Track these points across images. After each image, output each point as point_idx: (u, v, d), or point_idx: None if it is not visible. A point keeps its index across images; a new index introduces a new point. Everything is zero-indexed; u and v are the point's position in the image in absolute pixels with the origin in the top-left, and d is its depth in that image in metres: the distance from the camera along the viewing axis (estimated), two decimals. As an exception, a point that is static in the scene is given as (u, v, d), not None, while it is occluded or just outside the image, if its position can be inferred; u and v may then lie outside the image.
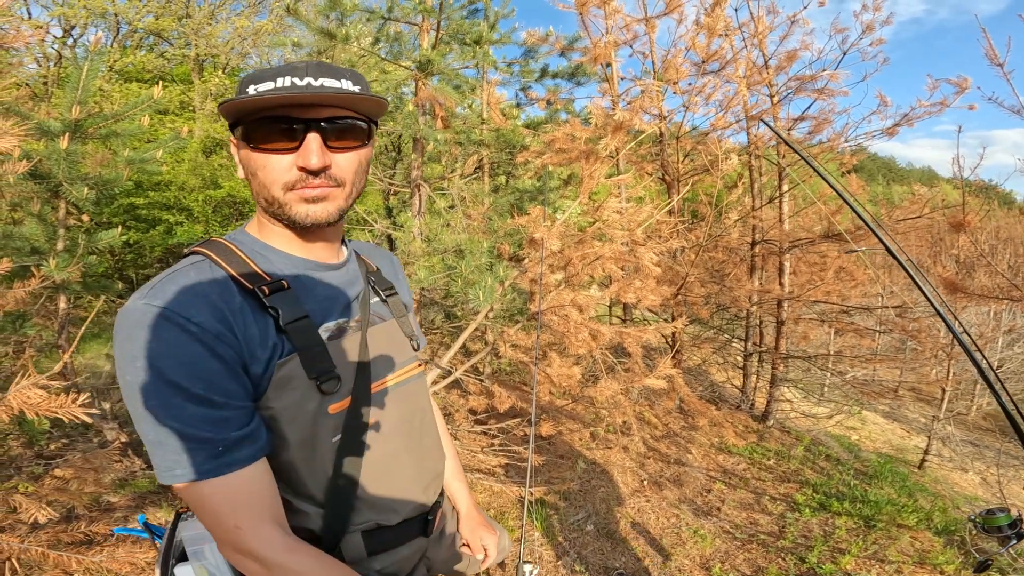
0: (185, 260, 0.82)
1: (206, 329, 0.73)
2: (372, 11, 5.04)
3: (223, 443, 0.74)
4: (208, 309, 0.74)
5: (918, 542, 3.46)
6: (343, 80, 0.80)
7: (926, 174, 66.03)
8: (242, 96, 0.77)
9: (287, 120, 0.78)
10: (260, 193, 0.83)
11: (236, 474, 0.75)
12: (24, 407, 1.27)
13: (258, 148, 0.80)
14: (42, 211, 3.31)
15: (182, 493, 0.75)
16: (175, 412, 0.72)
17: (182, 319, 0.72)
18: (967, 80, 5.00)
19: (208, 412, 0.73)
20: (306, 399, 0.81)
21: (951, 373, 6.35)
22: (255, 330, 0.77)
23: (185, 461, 0.72)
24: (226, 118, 0.83)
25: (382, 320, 0.97)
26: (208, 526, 0.77)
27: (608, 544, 3.31)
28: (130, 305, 0.74)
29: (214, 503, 0.75)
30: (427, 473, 1.01)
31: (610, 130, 3.82)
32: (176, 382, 0.71)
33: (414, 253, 4.21)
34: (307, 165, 0.78)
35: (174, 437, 0.72)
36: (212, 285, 0.77)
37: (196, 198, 9.61)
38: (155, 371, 0.71)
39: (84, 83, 3.10)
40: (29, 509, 2.00)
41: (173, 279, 0.76)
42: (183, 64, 15.43)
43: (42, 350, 3.94)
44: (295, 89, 0.77)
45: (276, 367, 0.78)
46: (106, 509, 2.91)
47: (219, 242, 0.84)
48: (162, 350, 0.71)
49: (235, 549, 0.77)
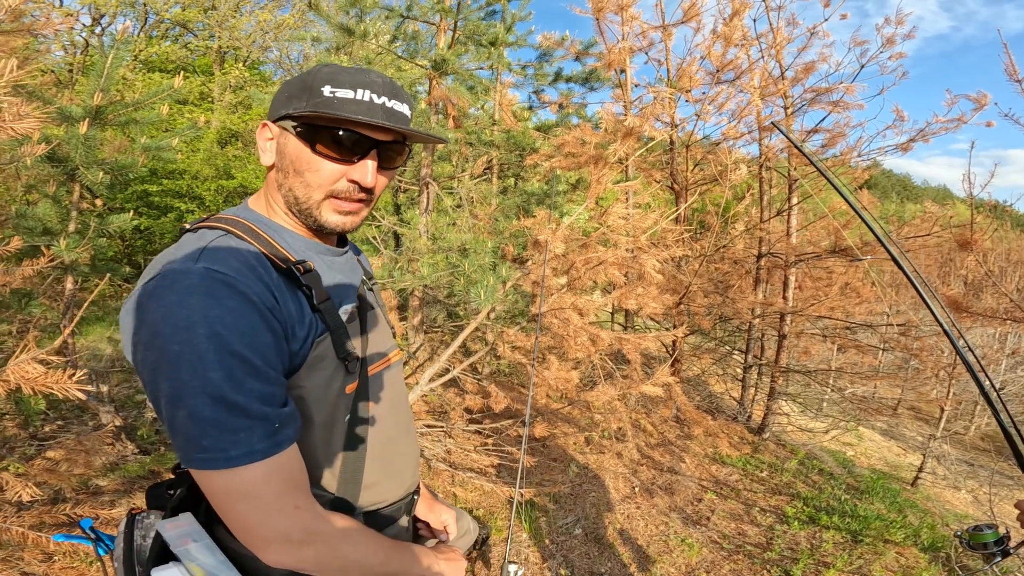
0: (207, 233, 0.78)
1: (263, 300, 0.72)
2: (391, 9, 5.09)
3: (278, 419, 0.71)
4: (259, 281, 0.73)
5: (903, 558, 3.46)
6: (405, 104, 0.85)
7: (941, 193, 65.36)
8: (325, 98, 0.79)
9: (358, 135, 0.81)
10: (296, 190, 0.84)
11: (286, 452, 0.73)
12: (22, 381, 1.30)
13: (319, 152, 0.81)
14: (57, 193, 3.37)
15: (221, 479, 0.69)
16: (240, 386, 0.68)
17: (245, 286, 0.70)
18: (986, 96, 4.96)
19: (264, 387, 0.70)
20: (333, 379, 0.82)
21: (951, 393, 6.31)
22: (292, 307, 0.77)
23: (243, 440, 0.68)
24: (287, 106, 0.82)
25: (372, 308, 1.00)
26: (250, 513, 0.71)
27: (595, 549, 3.32)
28: (180, 267, 0.69)
29: (272, 485, 0.71)
30: (414, 454, 1.05)
31: (620, 136, 3.84)
32: (241, 353, 0.68)
33: (419, 250, 4.25)
34: (363, 182, 0.82)
35: (236, 414, 0.67)
36: (253, 256, 0.76)
37: (208, 187, 9.72)
38: (219, 340, 0.66)
39: (108, 71, 3.16)
40: (15, 487, 2.03)
41: (220, 248, 0.74)
42: (205, 55, 15.60)
43: (46, 330, 3.99)
44: (382, 111, 0.81)
45: (312, 345, 0.79)
46: (94, 492, 2.94)
47: (233, 219, 0.82)
48: (227, 318, 0.67)
49: (289, 533, 0.72)
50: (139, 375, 0.73)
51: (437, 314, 6.20)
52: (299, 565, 0.75)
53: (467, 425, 4.09)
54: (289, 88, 0.84)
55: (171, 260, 0.72)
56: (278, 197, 0.87)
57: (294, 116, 0.81)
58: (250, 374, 0.69)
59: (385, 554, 0.86)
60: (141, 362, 0.70)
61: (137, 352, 0.70)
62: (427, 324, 5.48)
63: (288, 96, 0.83)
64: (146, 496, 0.95)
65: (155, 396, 0.70)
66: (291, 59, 17.46)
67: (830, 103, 5.85)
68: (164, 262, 0.72)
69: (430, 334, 5.72)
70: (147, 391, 0.72)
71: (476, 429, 4.13)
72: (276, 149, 0.86)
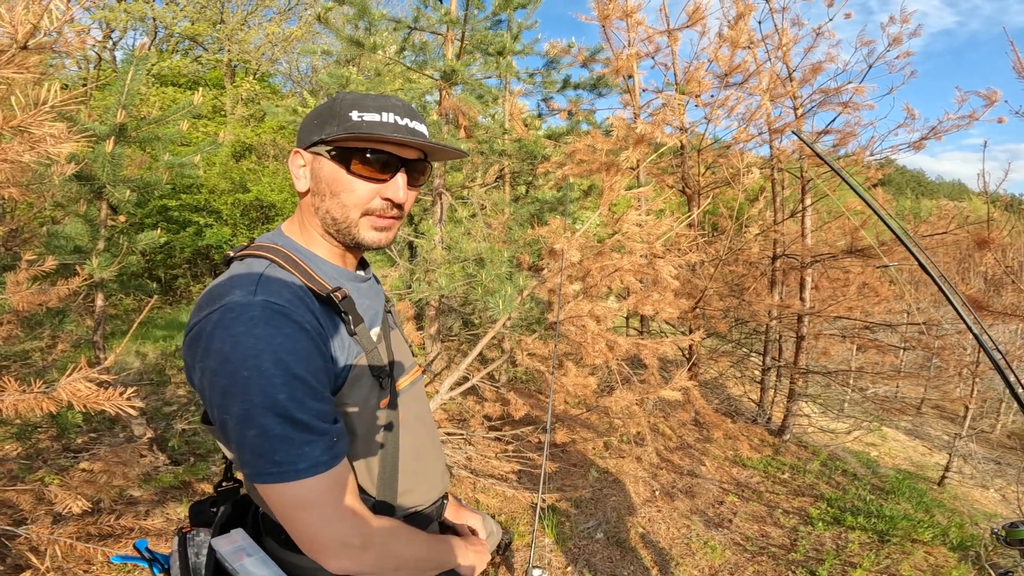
0: (254, 263, 0.85)
1: (314, 327, 0.79)
2: (399, 21, 5.18)
3: (335, 434, 0.79)
4: (308, 311, 0.80)
5: (932, 557, 3.43)
6: (422, 125, 0.92)
7: (956, 188, 64.39)
8: (354, 122, 0.85)
9: (388, 155, 0.88)
10: (333, 211, 0.90)
11: (343, 464, 0.80)
12: (73, 399, 1.37)
13: (353, 173, 0.88)
14: (88, 212, 3.47)
15: (291, 490, 0.74)
16: (304, 405, 0.74)
17: (299, 316, 0.77)
18: (996, 93, 4.95)
19: (321, 406, 0.77)
20: (370, 395, 0.89)
21: (975, 391, 6.23)
22: (333, 331, 0.84)
23: (309, 454, 0.74)
24: (319, 132, 0.88)
25: (393, 328, 1.07)
26: (315, 522, 0.76)
27: (617, 552, 3.34)
28: (243, 300, 0.75)
29: (333, 494, 0.77)
30: (442, 462, 1.11)
31: (631, 142, 3.87)
32: (302, 376, 0.75)
33: (435, 261, 4.31)
34: (395, 198, 0.90)
35: (302, 431, 0.74)
36: (299, 288, 0.82)
37: (225, 201, 9.88)
38: (283, 366, 0.73)
39: (129, 87, 3.25)
40: (64, 500, 2.10)
41: (272, 279, 0.80)
42: (216, 69, 15.87)
43: (75, 345, 4.10)
44: (406, 131, 0.87)
45: (352, 366, 0.86)
46: (129, 503, 3.03)
47: (273, 247, 0.88)
48: (288, 345, 0.74)
49: (349, 538, 0.78)
50: (205, 399, 0.78)
51: (453, 323, 6.25)
52: (360, 568, 0.80)
53: (487, 432, 4.13)
54: (317, 116, 0.90)
55: (229, 292, 0.78)
56: (315, 221, 0.93)
57: (328, 141, 0.87)
58: (309, 395, 0.76)
59: (428, 548, 0.93)
60: (209, 387, 0.75)
61: (205, 377, 0.76)
62: (444, 333, 5.53)
63: (319, 124, 0.89)
64: (190, 513, 1.01)
65: (223, 418, 0.75)
66: (300, 71, 17.72)
67: (840, 104, 5.84)
68: (222, 294, 0.78)
69: (447, 343, 5.77)
70: (214, 414, 0.78)
71: (496, 436, 4.16)
72: (310, 175, 0.91)
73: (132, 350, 6.20)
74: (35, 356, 3.92)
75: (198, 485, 3.35)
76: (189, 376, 0.81)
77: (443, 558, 0.96)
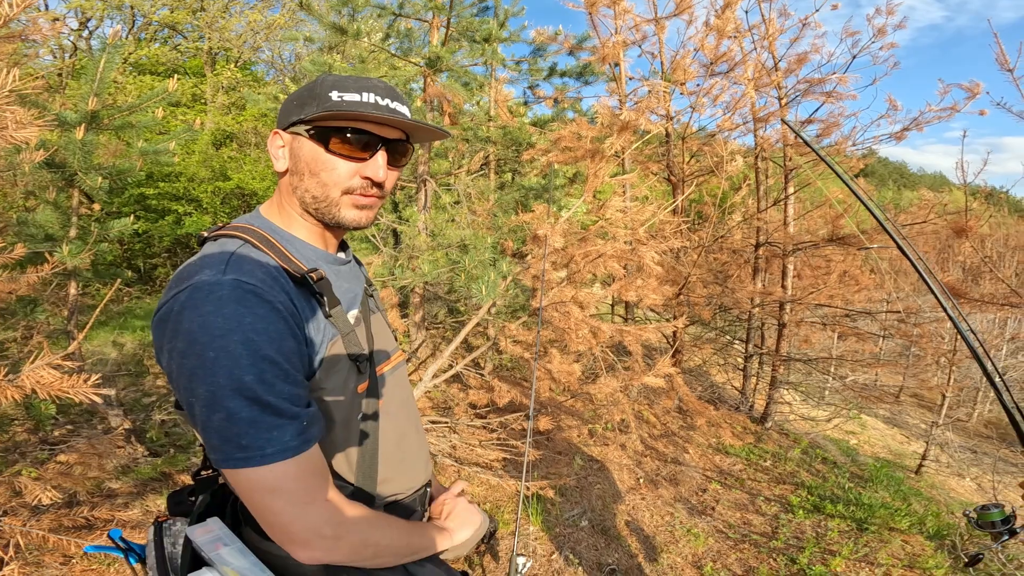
0: (227, 242, 0.82)
1: (286, 307, 0.76)
2: (383, 7, 5.09)
3: (307, 418, 0.75)
4: (281, 291, 0.77)
5: (909, 545, 3.49)
6: (404, 106, 0.89)
7: (937, 180, 65.42)
8: (334, 101, 0.83)
9: (367, 134, 0.86)
10: (313, 189, 0.87)
11: (314, 449, 0.77)
12: (37, 387, 1.32)
13: (332, 151, 0.85)
14: (57, 199, 3.38)
15: (257, 475, 0.71)
16: (273, 388, 0.72)
17: (271, 296, 0.74)
18: (979, 85, 4.99)
19: (292, 389, 0.74)
20: (348, 379, 0.86)
21: (952, 379, 6.34)
22: (308, 313, 0.81)
23: (277, 438, 0.71)
24: (298, 113, 0.86)
25: (375, 312, 1.04)
26: (284, 509, 0.73)
27: (602, 540, 3.35)
28: (212, 279, 0.73)
29: (303, 480, 0.74)
30: (424, 448, 1.08)
31: (616, 129, 3.85)
32: (272, 357, 0.72)
33: (419, 247, 4.26)
34: (375, 177, 0.87)
35: (270, 414, 0.71)
36: (273, 268, 0.80)
37: (205, 189, 9.71)
38: (252, 346, 0.70)
39: (101, 75, 3.16)
40: (34, 491, 2.05)
41: (244, 258, 0.78)
42: (196, 57, 15.53)
43: (51, 336, 4.01)
44: (387, 111, 0.85)
45: (327, 348, 0.83)
46: (108, 495, 2.97)
47: (248, 227, 0.86)
48: (257, 325, 0.71)
49: (320, 527, 0.75)
50: (173, 381, 0.75)
51: (438, 310, 6.21)
52: (333, 558, 0.78)
53: (472, 420, 4.12)
54: (297, 97, 0.88)
55: (199, 271, 0.75)
56: (293, 201, 0.91)
57: (307, 120, 0.85)
58: (280, 377, 0.73)
59: (408, 535, 0.91)
60: (177, 368, 0.72)
61: (173, 359, 0.73)
62: (428, 321, 5.50)
63: (298, 104, 0.87)
64: (167, 503, 0.98)
65: (190, 401, 0.72)
66: (283, 59, 17.40)
67: (823, 93, 5.87)
68: (191, 273, 0.75)
69: (431, 330, 5.74)
70: (181, 396, 0.74)
71: (481, 424, 4.15)
72: (289, 154, 0.90)
73: (109, 340, 6.08)
74: (11, 348, 3.83)
75: (178, 476, 3.29)
76: (159, 358, 0.78)
77: (423, 544, 0.94)
